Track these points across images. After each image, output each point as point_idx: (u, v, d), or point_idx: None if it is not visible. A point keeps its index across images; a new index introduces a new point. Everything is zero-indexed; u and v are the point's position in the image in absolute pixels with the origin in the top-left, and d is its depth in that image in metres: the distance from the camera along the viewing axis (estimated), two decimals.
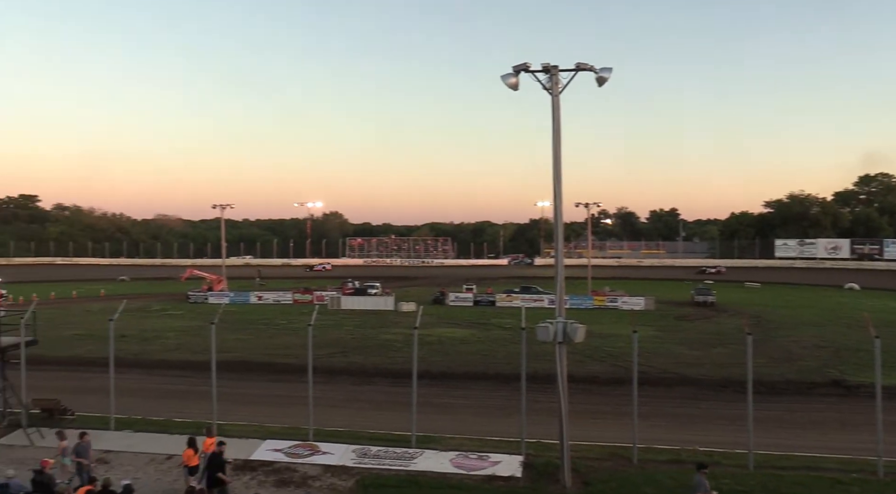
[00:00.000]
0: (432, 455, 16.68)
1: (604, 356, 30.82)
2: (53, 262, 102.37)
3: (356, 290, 56.31)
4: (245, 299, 55.50)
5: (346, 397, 23.97)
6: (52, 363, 27.74)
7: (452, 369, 28.45)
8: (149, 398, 23.22)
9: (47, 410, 20.27)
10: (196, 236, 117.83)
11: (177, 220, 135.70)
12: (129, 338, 33.92)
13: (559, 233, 14.71)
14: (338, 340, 35.49)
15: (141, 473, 15.52)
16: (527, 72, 14.10)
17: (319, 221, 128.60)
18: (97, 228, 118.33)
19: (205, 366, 23.56)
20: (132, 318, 40.43)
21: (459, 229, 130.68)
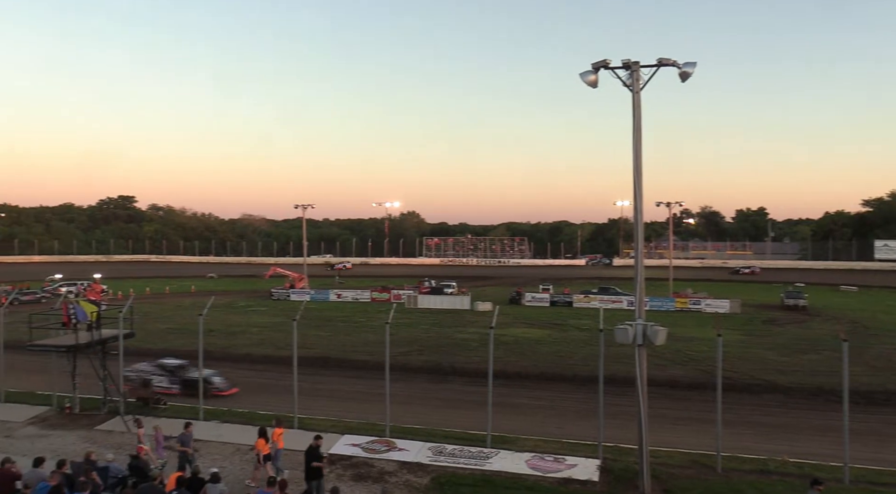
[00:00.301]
0: (507, 455, 16.60)
1: (685, 360, 29.84)
2: (148, 259, 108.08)
3: (433, 289, 56.76)
4: (325, 296, 56.89)
5: (422, 394, 24.20)
6: (147, 354, 29.26)
7: (528, 369, 28.25)
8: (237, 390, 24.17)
9: (142, 399, 21.43)
10: (279, 235, 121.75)
11: (261, 219, 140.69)
12: (216, 333, 35.38)
13: (639, 233, 14.34)
14: (414, 338, 35.88)
15: (227, 462, 16.17)
16: (606, 69, 13.81)
17: (397, 220, 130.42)
18: (188, 227, 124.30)
19: (286, 361, 24.32)
20: (219, 313, 42.18)
21: (536, 229, 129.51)
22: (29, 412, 20.88)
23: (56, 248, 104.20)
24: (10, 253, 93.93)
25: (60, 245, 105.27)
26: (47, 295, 50.00)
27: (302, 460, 13.92)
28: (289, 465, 15.70)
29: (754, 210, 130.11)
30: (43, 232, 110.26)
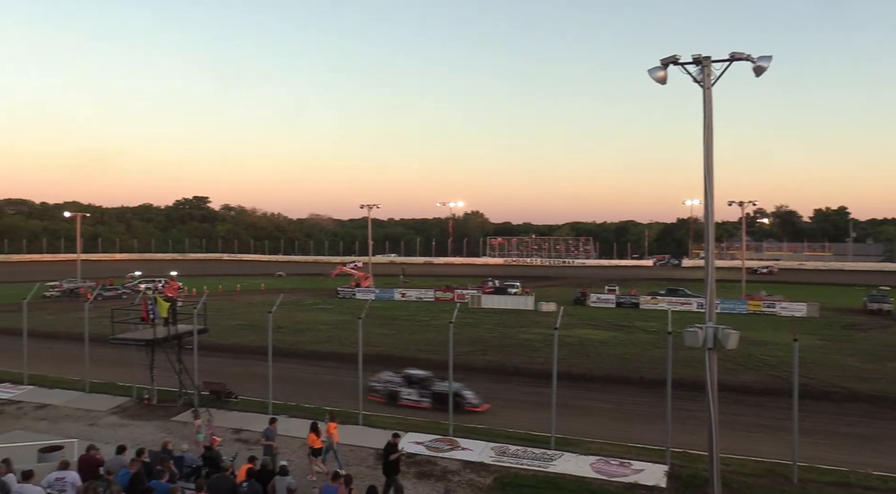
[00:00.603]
0: (572, 457, 16.39)
1: (758, 365, 28.74)
2: (221, 258, 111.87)
3: (496, 289, 56.61)
4: (390, 295, 57.54)
5: (486, 394, 24.11)
6: (219, 349, 30.38)
7: (593, 371, 27.81)
8: (302, 386, 24.71)
9: (215, 392, 22.22)
10: (345, 235, 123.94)
11: (328, 219, 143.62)
12: (284, 329, 36.31)
13: (710, 233, 13.89)
14: (478, 338, 35.88)
15: (294, 456, 16.55)
16: (676, 64, 13.43)
17: (461, 220, 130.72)
18: (258, 226, 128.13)
19: (352, 358, 24.75)
20: (288, 311, 43.29)
21: (602, 229, 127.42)
22: (111, 402, 22.00)
23: (136, 246, 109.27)
24: (94, 251, 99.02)
25: (140, 244, 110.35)
26: (128, 292, 52.47)
27: (367, 456, 14.14)
28: (354, 461, 15.98)
29: (834, 209, 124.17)
30: (124, 231, 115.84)
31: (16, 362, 25.35)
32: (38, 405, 21.93)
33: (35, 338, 27.72)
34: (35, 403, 22.13)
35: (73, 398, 22.50)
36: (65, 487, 10.20)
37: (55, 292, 55.10)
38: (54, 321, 39.73)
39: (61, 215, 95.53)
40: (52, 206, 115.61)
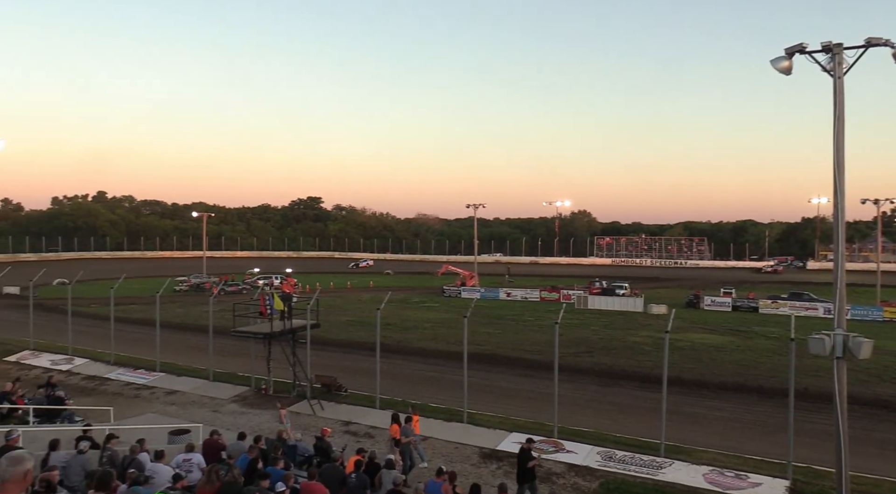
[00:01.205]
0: (682, 466, 15.74)
1: (895, 378, 26.41)
2: (332, 256, 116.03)
3: (603, 290, 55.31)
4: (495, 295, 57.55)
5: (591, 397, 23.67)
6: (330, 344, 31.54)
7: (706, 377, 26.56)
8: (408, 383, 25.19)
9: (326, 385, 23.09)
10: (451, 234, 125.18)
11: (434, 219, 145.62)
12: (392, 326, 37.17)
13: (840, 233, 12.88)
14: (584, 339, 35.21)
15: None
16: (802, 54, 12.56)
17: (567, 219, 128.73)
18: (368, 226, 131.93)
19: (457, 356, 24.96)
20: (395, 308, 44.29)
21: (717, 229, 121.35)
22: (232, 391, 23.40)
23: (255, 244, 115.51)
24: (218, 249, 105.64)
25: (258, 242, 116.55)
26: (247, 287, 55.59)
27: (470, 454, 14.20)
28: (458, 458, 16.11)
29: None
30: (244, 230, 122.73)
31: (150, 350, 27.49)
32: (169, 390, 23.70)
33: (166, 329, 29.92)
34: (166, 389, 23.94)
35: (199, 386, 24.13)
36: (191, 468, 10.93)
37: (184, 286, 59.25)
38: (183, 314, 42.70)
39: (190, 215, 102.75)
40: (182, 206, 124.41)
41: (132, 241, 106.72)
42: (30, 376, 25.06)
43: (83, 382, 25.27)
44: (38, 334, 31.04)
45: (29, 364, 27.95)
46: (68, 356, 28.63)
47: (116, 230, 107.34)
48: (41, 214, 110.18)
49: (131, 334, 32.70)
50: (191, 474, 10.58)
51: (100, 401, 21.75)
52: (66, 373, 26.29)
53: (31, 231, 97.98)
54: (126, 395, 23.47)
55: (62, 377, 25.18)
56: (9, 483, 4.08)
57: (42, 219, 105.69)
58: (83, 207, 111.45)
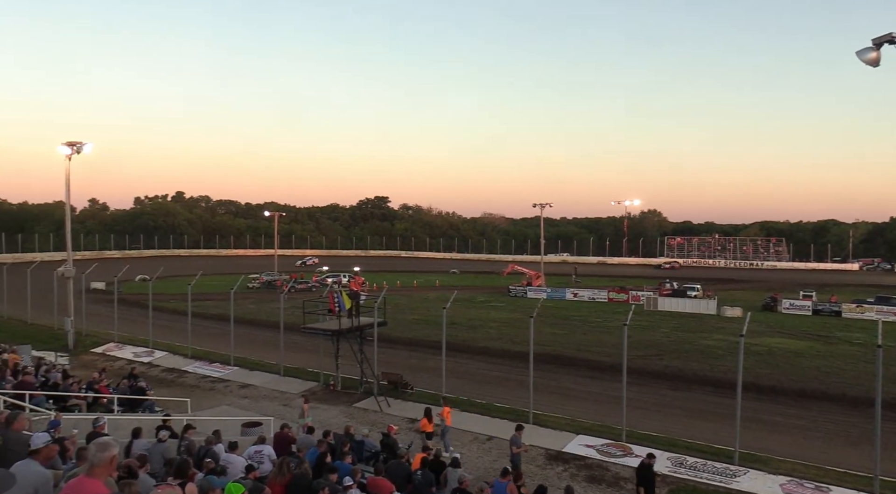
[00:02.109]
0: (758, 475, 15.14)
1: None
2: (399, 255, 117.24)
3: (674, 291, 53.85)
4: (561, 295, 56.91)
5: (660, 401, 23.08)
6: (396, 342, 31.90)
7: (784, 383, 25.46)
8: (473, 382, 25.21)
9: (392, 382, 23.37)
10: (517, 234, 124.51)
11: (500, 218, 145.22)
12: (458, 325, 37.26)
13: None
14: (653, 342, 34.36)
15: (465, 449, 16.94)
16: (892, 44, 11.85)
17: (636, 219, 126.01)
18: (434, 225, 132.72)
19: (522, 356, 24.79)
20: (461, 307, 44.38)
21: (796, 229, 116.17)
22: (301, 385, 23.99)
23: (324, 243, 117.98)
24: (288, 247, 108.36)
25: (327, 241, 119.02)
26: (316, 285, 56.85)
27: (536, 456, 14.08)
28: (524, 459, 15.97)
29: None
30: (314, 229, 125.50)
31: (224, 345, 28.50)
32: (242, 384, 24.51)
33: (240, 324, 30.92)
34: (239, 382, 24.77)
35: (270, 380, 24.85)
36: (262, 459, 11.24)
37: (256, 283, 61.15)
38: (255, 310, 44.04)
39: (262, 215, 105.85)
40: (255, 206, 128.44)
41: (208, 239, 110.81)
42: (114, 367, 26.38)
43: (163, 374, 26.44)
44: (121, 327, 32.66)
45: (114, 356, 29.47)
46: (149, 348, 30.02)
47: (193, 229, 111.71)
48: (125, 213, 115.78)
49: (207, 328, 33.96)
50: (262, 465, 10.87)
51: (178, 392, 22.69)
52: (148, 365, 27.55)
53: (116, 230, 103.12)
54: (202, 387, 24.41)
55: (144, 368, 26.40)
56: (97, 468, 4.33)
57: (125, 218, 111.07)
58: (163, 206, 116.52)
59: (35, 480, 5.78)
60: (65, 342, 31.52)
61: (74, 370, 24.21)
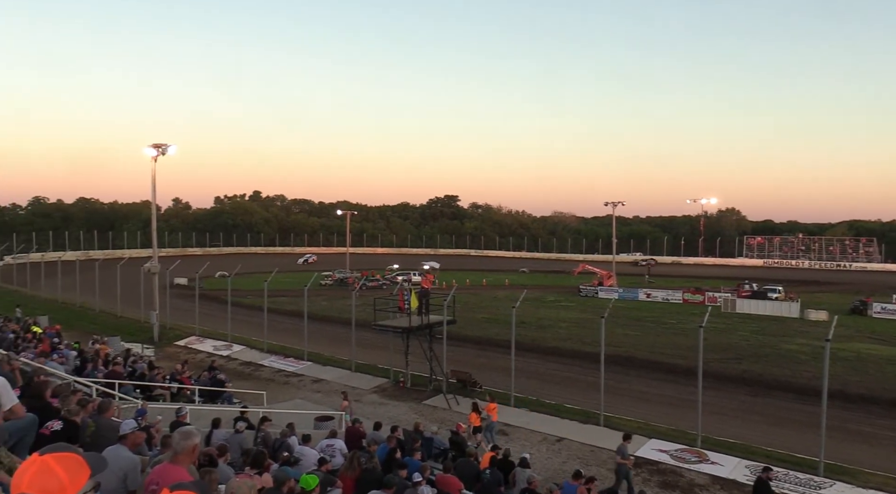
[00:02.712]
0: (846, 489, 14.39)
1: None
2: (468, 253, 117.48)
3: (754, 293, 51.74)
4: (634, 295, 55.67)
5: (738, 407, 22.24)
6: (465, 340, 31.97)
7: (875, 392, 24.06)
8: (542, 382, 24.99)
9: (461, 380, 23.44)
10: (588, 233, 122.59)
11: (571, 217, 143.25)
12: (527, 325, 37.00)
13: None
14: (731, 345, 33.13)
15: (534, 449, 16.81)
16: None
17: (713, 218, 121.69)
18: (503, 224, 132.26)
19: (593, 357, 24.43)
20: (530, 307, 44.06)
21: (890, 228, 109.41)
22: (372, 382, 24.39)
23: (394, 241, 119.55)
24: (360, 245, 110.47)
25: (397, 239, 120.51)
26: (387, 283, 57.64)
27: (606, 459, 13.83)
28: (594, 461, 15.74)
29: None
30: (384, 228, 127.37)
31: (298, 340, 29.29)
32: (315, 379, 25.13)
33: (313, 320, 31.72)
34: (312, 377, 25.40)
35: (342, 376, 25.38)
36: (334, 453, 11.49)
37: (329, 281, 62.53)
38: (328, 307, 45.04)
39: (335, 213, 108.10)
40: (328, 205, 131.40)
41: (283, 237, 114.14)
42: (195, 359, 27.54)
43: (240, 367, 27.42)
44: (202, 321, 34.06)
45: (195, 349, 30.77)
46: (228, 342, 31.19)
47: (269, 227, 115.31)
48: (206, 212, 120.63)
49: (282, 324, 34.98)
50: (334, 459, 11.11)
51: (254, 385, 23.47)
52: (226, 358, 28.63)
53: (197, 228, 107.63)
54: (277, 381, 25.17)
55: (223, 361, 27.45)
56: (181, 455, 4.54)
57: (206, 217, 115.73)
58: (241, 206, 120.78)
59: (124, 465, 6.09)
60: (151, 334, 33.15)
61: (159, 361, 25.40)
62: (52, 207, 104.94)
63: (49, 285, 47.31)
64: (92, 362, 19.47)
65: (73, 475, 1.95)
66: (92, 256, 66.47)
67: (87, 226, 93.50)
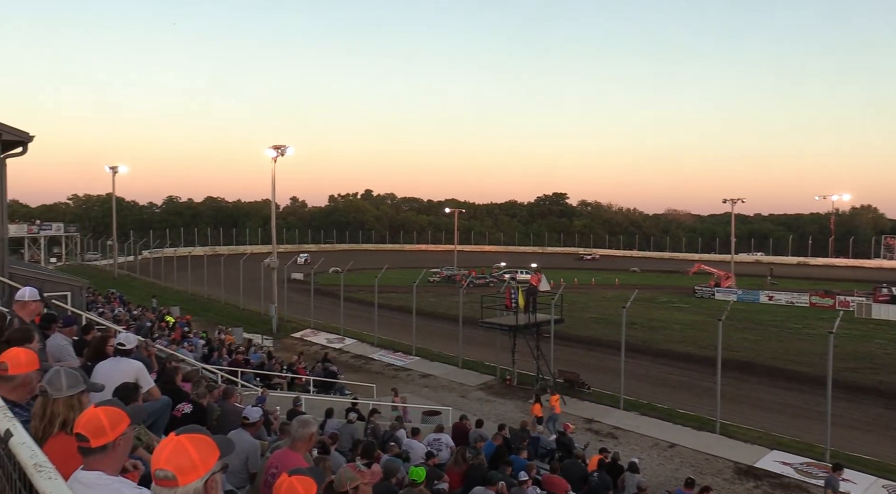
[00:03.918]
0: None
1: None
2: (576, 252, 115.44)
3: (893, 297, 47.52)
4: (754, 297, 52.67)
5: (873, 420, 20.51)
6: (573, 340, 31.45)
7: None
8: (654, 385, 24.16)
9: (569, 380, 23.10)
10: (704, 231, 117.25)
11: (686, 215, 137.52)
12: (637, 326, 35.89)
13: None
14: (866, 353, 30.56)
15: (644, 454, 16.29)
16: None
17: (846, 216, 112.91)
18: (613, 222, 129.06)
19: (708, 361, 23.36)
20: (641, 307, 42.64)
21: None
22: (478, 378, 24.52)
23: (501, 239, 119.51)
24: (467, 243, 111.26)
25: (505, 237, 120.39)
26: (494, 281, 57.75)
27: (723, 468, 13.18)
28: (709, 471, 15.07)
29: None
30: (492, 225, 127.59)
31: (407, 335, 29.93)
32: (423, 374, 25.59)
33: (421, 316, 32.27)
34: (420, 372, 25.89)
35: (449, 372, 25.68)
36: (441, 447, 11.66)
37: (437, 277, 63.50)
38: (436, 303, 45.70)
39: (443, 211, 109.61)
40: (437, 203, 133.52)
41: (393, 235, 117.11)
42: (310, 351, 28.78)
43: (352, 360, 28.39)
44: (317, 315, 35.55)
45: (310, 341, 32.18)
46: (340, 335, 32.38)
47: (380, 225, 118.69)
48: (320, 210, 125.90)
49: (391, 319, 35.87)
50: (440, 453, 11.27)
51: (364, 378, 24.24)
52: (339, 351, 29.74)
53: (313, 225, 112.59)
54: (386, 374, 25.85)
55: (335, 354, 28.52)
56: (299, 442, 4.78)
57: (321, 215, 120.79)
58: (353, 204, 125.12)
59: (247, 448, 6.48)
60: (270, 326, 34.99)
61: (277, 351, 26.78)
62: (183, 205, 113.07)
63: (180, 278, 51.05)
64: (217, 350, 20.83)
65: (204, 455, 2.10)
66: (218, 251, 71.16)
67: (213, 223, 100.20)
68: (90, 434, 2.57)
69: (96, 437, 2.57)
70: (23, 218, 77.97)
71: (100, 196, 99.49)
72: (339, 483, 3.82)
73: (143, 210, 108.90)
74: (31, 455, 2.18)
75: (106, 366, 5.73)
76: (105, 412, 2.63)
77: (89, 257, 77.15)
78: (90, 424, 2.59)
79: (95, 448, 2.58)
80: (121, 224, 72.43)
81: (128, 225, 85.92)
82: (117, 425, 2.63)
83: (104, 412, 2.63)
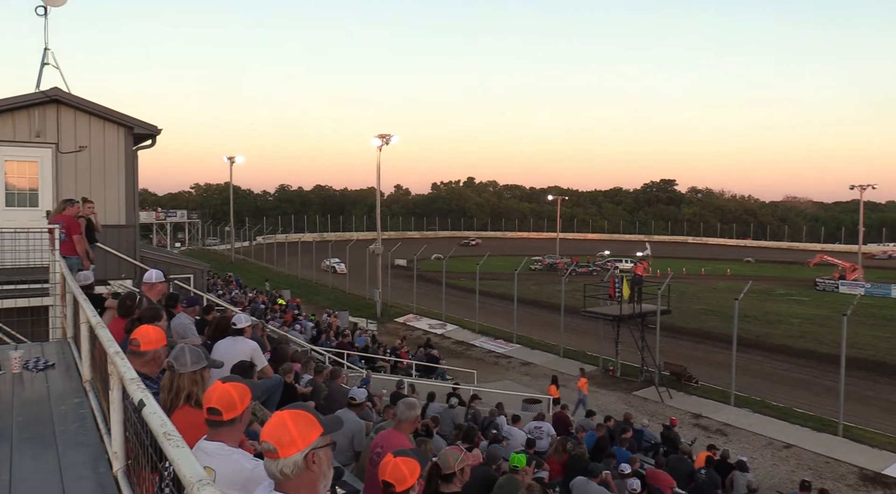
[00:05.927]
0: None
1: None
2: (685, 240, 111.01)
3: None
4: (885, 292, 48.66)
5: None
6: (680, 332, 30.34)
7: None
8: (768, 382, 22.92)
9: (675, 374, 22.32)
10: (828, 220, 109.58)
11: (807, 202, 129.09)
12: (751, 319, 34.12)
13: None
14: None
15: (757, 454, 15.54)
16: None
17: None
18: (726, 210, 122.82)
19: (830, 359, 21.92)
20: (755, 299, 40.49)
21: None
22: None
23: (605, 227, 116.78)
24: (570, 231, 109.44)
25: (609, 225, 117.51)
26: (597, 269, 56.57)
27: (846, 473, 12.35)
28: (830, 475, 14.17)
29: None
30: (596, 213, 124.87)
31: (507, 322, 29.91)
32: (523, 361, 25.53)
33: (522, 304, 32.16)
34: (520, 359, 25.83)
35: (550, 360, 25.47)
36: (541, 435, 11.60)
37: (538, 265, 62.98)
38: (537, 291, 45.37)
39: (545, 199, 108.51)
40: (539, 190, 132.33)
41: (494, 222, 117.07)
42: (412, 335, 29.38)
43: (453, 345, 28.72)
44: (419, 301, 36.21)
45: (412, 326, 32.83)
46: (442, 321, 32.83)
47: (482, 212, 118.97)
48: (423, 197, 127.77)
49: (492, 306, 35.97)
50: (540, 441, 11.22)
51: (465, 364, 24.46)
52: (440, 336, 30.16)
53: (416, 212, 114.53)
54: (487, 361, 25.98)
55: (437, 339, 28.95)
56: (404, 424, 4.93)
57: (424, 202, 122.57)
58: (456, 191, 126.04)
59: (353, 428, 6.72)
60: (374, 310, 35.99)
61: (380, 335, 27.52)
62: (293, 193, 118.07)
63: (291, 263, 53.44)
64: (325, 333, 21.69)
65: (303, 430, 2.19)
66: (326, 237, 73.83)
67: (321, 210, 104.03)
68: (223, 407, 2.76)
69: (228, 411, 2.77)
70: (151, 205, 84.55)
71: (219, 185, 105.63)
72: (445, 464, 3.87)
73: (257, 198, 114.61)
74: (162, 424, 2.35)
75: (224, 345, 6.11)
76: (234, 388, 2.83)
77: (209, 242, 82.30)
78: (223, 398, 2.78)
79: (227, 420, 2.78)
80: (237, 211, 76.83)
81: (244, 212, 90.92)
82: (244, 399, 2.83)
83: (233, 387, 2.83)
